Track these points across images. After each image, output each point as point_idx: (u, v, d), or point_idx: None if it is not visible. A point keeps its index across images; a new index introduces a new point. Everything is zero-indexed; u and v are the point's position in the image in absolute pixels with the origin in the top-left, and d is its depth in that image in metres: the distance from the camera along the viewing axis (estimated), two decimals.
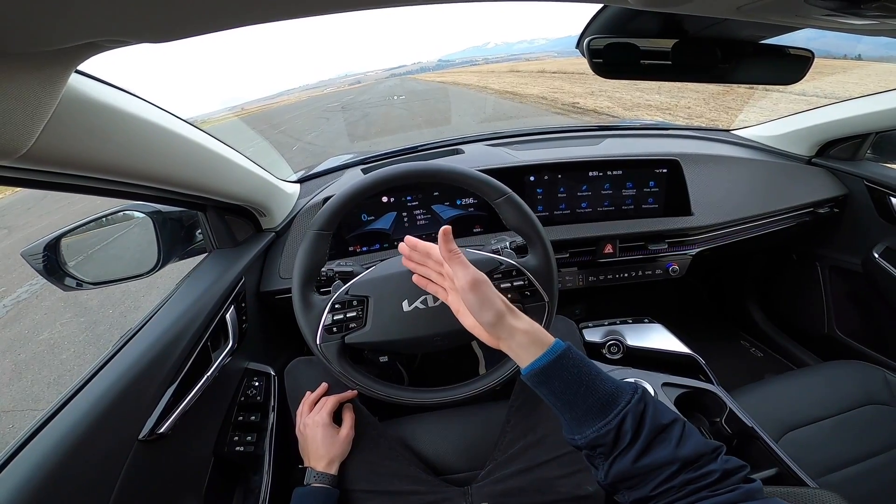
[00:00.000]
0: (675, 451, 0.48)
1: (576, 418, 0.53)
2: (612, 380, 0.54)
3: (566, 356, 0.54)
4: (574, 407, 0.53)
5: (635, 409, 0.50)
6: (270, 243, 1.10)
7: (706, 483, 0.46)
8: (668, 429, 0.50)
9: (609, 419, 0.50)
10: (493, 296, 0.58)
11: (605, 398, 0.52)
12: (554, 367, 0.54)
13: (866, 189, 1.28)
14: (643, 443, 0.49)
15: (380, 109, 16.78)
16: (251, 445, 0.91)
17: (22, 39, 0.33)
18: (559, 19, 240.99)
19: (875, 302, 1.35)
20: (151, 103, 0.65)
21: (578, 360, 0.55)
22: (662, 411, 0.52)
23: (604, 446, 0.51)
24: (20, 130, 0.40)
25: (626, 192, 1.18)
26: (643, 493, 0.49)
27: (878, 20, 0.38)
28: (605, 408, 0.51)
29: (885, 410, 0.98)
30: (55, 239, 0.85)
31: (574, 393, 0.53)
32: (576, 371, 0.54)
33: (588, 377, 0.53)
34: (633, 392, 0.52)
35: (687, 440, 0.49)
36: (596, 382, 0.53)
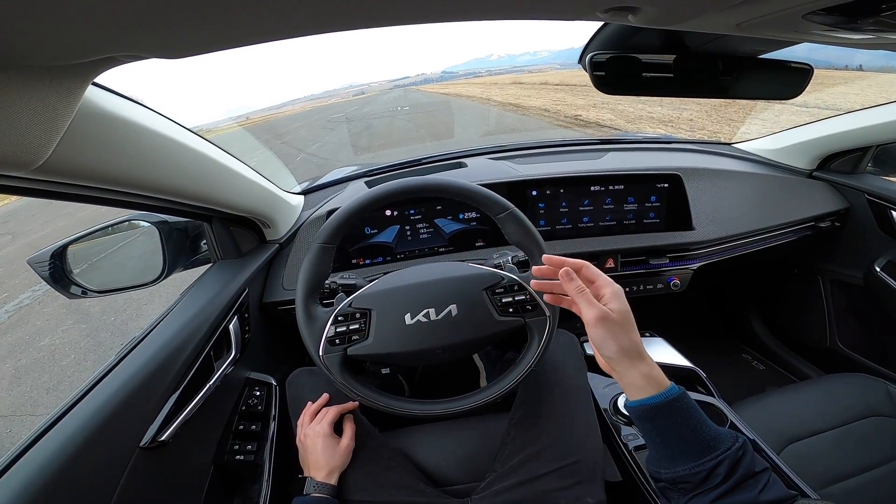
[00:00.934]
0: (758, 497, 0.50)
1: (669, 455, 0.55)
2: (714, 427, 0.55)
3: (679, 401, 0.55)
4: (671, 446, 0.55)
5: (734, 455, 0.52)
6: (274, 255, 1.11)
7: None
8: (757, 476, 0.51)
9: (704, 461, 0.52)
10: (618, 335, 0.57)
11: (707, 442, 0.53)
12: (664, 409, 0.55)
13: (867, 203, 1.28)
14: (729, 486, 0.50)
15: (383, 121, 16.89)
16: (251, 454, 0.92)
17: (42, 53, 0.34)
18: (562, 32, 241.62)
19: (877, 315, 1.35)
20: (162, 115, 0.66)
21: (689, 407, 0.56)
22: (756, 461, 0.53)
23: (689, 483, 0.53)
24: (37, 143, 0.41)
25: (627, 206, 1.19)
26: None
27: (874, 34, 0.39)
28: (703, 451, 0.53)
29: (887, 422, 0.97)
30: (62, 247, 0.86)
31: (677, 434, 0.55)
32: (684, 415, 0.55)
33: (696, 421, 0.55)
34: (735, 440, 0.54)
35: (771, 488, 0.51)
36: (701, 426, 0.54)
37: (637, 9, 0.32)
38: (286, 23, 0.32)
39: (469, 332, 0.75)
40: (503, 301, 0.76)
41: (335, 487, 0.77)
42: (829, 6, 0.32)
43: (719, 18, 0.36)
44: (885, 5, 0.32)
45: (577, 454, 0.80)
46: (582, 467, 0.79)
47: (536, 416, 0.85)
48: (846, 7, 0.32)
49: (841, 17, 0.35)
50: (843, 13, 0.34)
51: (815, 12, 0.33)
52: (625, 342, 0.57)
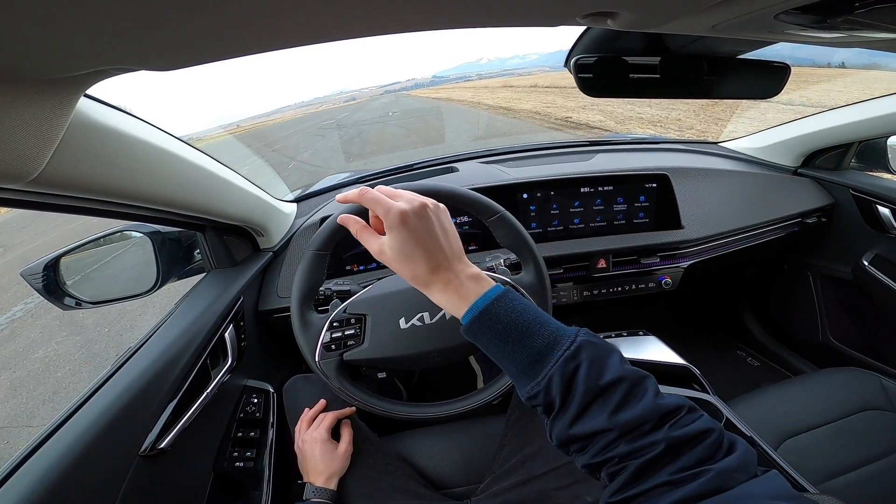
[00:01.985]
0: (611, 417, 0.41)
1: (512, 375, 0.48)
2: (550, 330, 0.47)
3: (489, 311, 0.48)
4: (505, 365, 0.48)
5: (563, 368, 0.43)
6: (268, 263, 1.11)
7: (651, 457, 0.38)
8: (608, 390, 0.42)
9: (538, 380, 0.45)
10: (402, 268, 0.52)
11: (536, 354, 0.45)
12: (477, 325, 0.49)
13: (852, 198, 1.30)
14: (577, 407, 0.42)
15: (375, 127, 16.92)
16: (251, 461, 0.92)
17: (33, 67, 0.34)
18: (551, 35, 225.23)
19: (867, 309, 1.36)
20: (153, 125, 0.66)
21: (506, 313, 0.48)
22: (607, 367, 0.44)
23: (540, 406, 0.46)
24: (31, 155, 0.41)
25: (617, 207, 1.20)
26: (586, 459, 0.43)
27: (846, 33, 0.40)
28: (534, 367, 0.45)
29: (882, 416, 0.98)
30: (55, 259, 0.85)
31: (502, 350, 0.48)
32: (500, 327, 0.47)
33: (517, 332, 0.47)
34: (567, 347, 0.45)
35: (632, 403, 0.42)
36: (525, 338, 0.46)
37: (615, 13, 0.33)
38: (276, 34, 0.32)
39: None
40: None
41: (335, 492, 0.77)
42: (800, 5, 0.33)
43: (695, 21, 0.37)
44: (857, 4, 0.33)
45: None
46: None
47: (532, 417, 0.86)
48: (817, 6, 0.33)
49: (813, 16, 0.35)
50: (814, 12, 0.35)
51: (786, 12, 0.34)
52: (409, 275, 0.52)
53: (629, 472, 0.39)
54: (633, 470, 0.38)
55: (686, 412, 0.42)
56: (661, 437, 0.39)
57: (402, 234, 0.51)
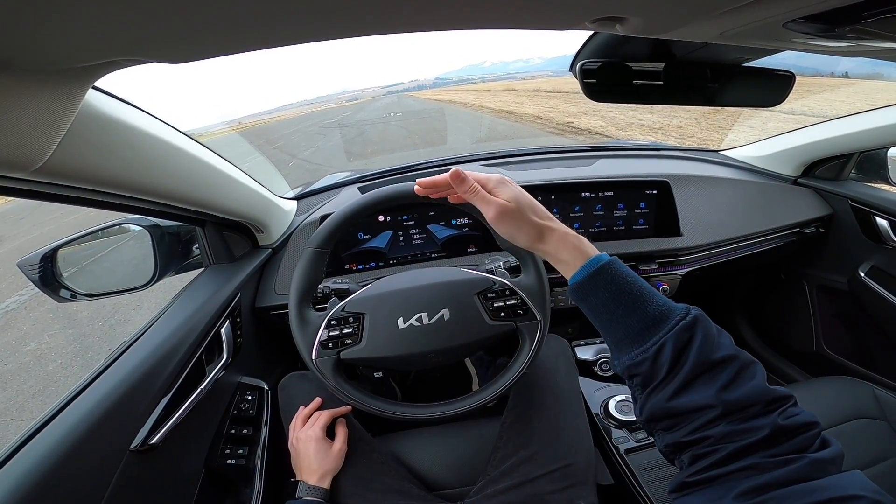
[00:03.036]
0: (719, 394, 0.40)
1: (616, 341, 0.48)
2: (662, 300, 0.46)
3: (605, 271, 0.48)
4: (611, 329, 0.48)
5: (678, 337, 0.43)
6: (267, 259, 1.10)
7: (751, 441, 0.37)
8: (718, 366, 0.41)
9: (646, 346, 0.44)
10: (520, 221, 0.54)
11: (648, 321, 0.45)
12: (590, 284, 0.49)
13: (851, 209, 1.30)
14: (683, 379, 0.42)
15: (376, 127, 16.91)
16: (243, 458, 0.91)
17: (46, 57, 0.34)
18: (555, 39, 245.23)
19: (862, 319, 1.37)
20: (158, 118, 0.66)
21: (621, 276, 0.48)
22: (720, 345, 0.43)
23: (639, 376, 0.45)
24: (37, 144, 0.41)
25: (617, 213, 1.20)
26: (676, 437, 0.42)
27: (853, 42, 0.40)
28: (645, 332, 0.45)
29: (874, 424, 0.99)
30: (52, 250, 0.85)
31: (611, 312, 0.47)
32: (615, 288, 0.47)
33: (631, 296, 0.47)
34: (682, 317, 0.44)
35: (741, 383, 0.41)
36: (640, 303, 0.46)
37: (624, 19, 0.33)
38: (288, 30, 0.32)
39: (461, 337, 0.76)
40: (495, 306, 0.77)
41: (327, 491, 0.77)
42: (809, 14, 0.33)
43: (703, 28, 0.37)
44: (865, 13, 0.33)
45: (570, 457, 0.81)
46: (574, 470, 0.80)
47: (528, 419, 0.85)
48: (826, 15, 0.34)
49: (821, 25, 0.36)
50: (822, 21, 0.35)
51: (795, 21, 0.34)
52: (528, 225, 0.54)
53: (722, 454, 0.38)
54: (728, 453, 0.38)
55: (793, 403, 0.41)
56: (768, 422, 0.38)
57: (513, 189, 0.55)
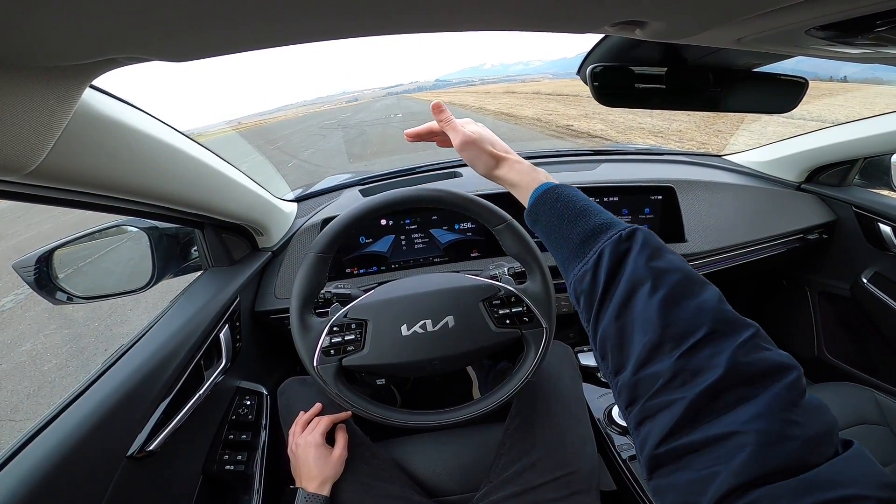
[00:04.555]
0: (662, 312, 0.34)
1: (562, 260, 0.47)
2: (606, 215, 0.45)
3: (553, 190, 0.51)
4: (560, 248, 0.47)
5: (617, 245, 0.40)
6: (267, 263, 1.09)
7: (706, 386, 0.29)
8: (660, 278, 0.36)
9: (587, 259, 0.42)
10: (481, 150, 0.61)
11: (589, 232, 0.43)
12: (540, 204, 0.52)
13: (854, 215, 1.30)
14: (623, 294, 0.37)
15: (376, 128, 16.93)
16: (241, 464, 0.90)
17: (44, 53, 0.33)
18: (555, 42, 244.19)
19: (864, 326, 1.36)
20: (156, 118, 0.65)
21: (566, 195, 0.49)
22: (665, 256, 0.39)
23: (584, 293, 0.41)
24: (31, 146, 0.40)
25: (621, 218, 1.19)
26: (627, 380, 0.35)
27: (871, 49, 0.40)
28: (585, 243, 0.43)
29: (875, 430, 0.98)
30: (48, 252, 0.84)
31: (559, 230, 0.47)
32: (560, 205, 0.48)
33: (575, 210, 0.46)
34: (623, 228, 0.42)
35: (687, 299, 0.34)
36: (583, 216, 0.45)
37: (644, 23, 0.33)
38: (291, 29, 0.31)
39: (466, 344, 0.75)
40: (500, 313, 0.76)
41: (327, 498, 0.76)
42: (832, 22, 0.32)
43: (722, 33, 0.36)
44: (881, 21, 0.33)
45: (573, 465, 0.80)
46: (577, 478, 0.78)
47: (532, 426, 0.84)
48: (848, 22, 0.33)
49: (841, 32, 0.35)
50: (843, 28, 0.34)
51: (817, 28, 0.34)
52: (485, 154, 0.61)
53: (680, 409, 0.29)
54: (686, 406, 0.29)
55: (758, 336, 0.32)
56: (724, 358, 0.29)
57: (478, 127, 0.65)
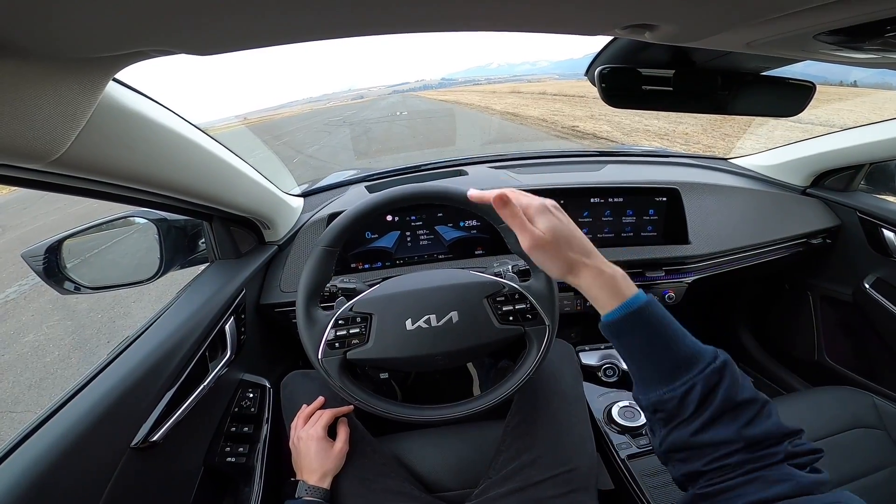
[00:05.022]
0: (741, 431, 0.44)
1: (643, 378, 0.51)
2: (694, 344, 0.50)
3: (643, 312, 0.50)
4: (641, 367, 0.51)
5: (707, 380, 0.46)
6: (273, 256, 1.10)
7: (765, 464, 0.43)
8: (741, 406, 0.46)
9: (675, 385, 0.47)
10: (553, 254, 0.53)
11: (679, 362, 0.48)
12: (626, 324, 0.51)
13: (859, 220, 1.30)
14: (708, 417, 0.45)
15: (381, 126, 16.91)
16: (242, 457, 0.91)
17: (74, 45, 0.33)
18: (562, 42, 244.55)
19: (865, 331, 1.36)
20: (173, 111, 0.66)
21: (656, 319, 0.50)
22: (743, 387, 0.47)
23: (664, 412, 0.48)
24: (56, 136, 0.41)
25: (626, 219, 1.20)
26: (695, 467, 0.46)
27: (879, 54, 0.40)
28: (675, 373, 0.48)
29: (873, 433, 0.98)
30: (58, 242, 0.85)
31: (645, 353, 0.50)
32: (651, 330, 0.50)
33: (665, 338, 0.49)
34: (711, 361, 0.48)
35: (760, 421, 0.45)
36: (672, 344, 0.49)
37: (655, 26, 0.33)
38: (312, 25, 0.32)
39: (469, 340, 0.76)
40: (504, 309, 0.77)
41: (328, 491, 0.76)
42: (841, 27, 0.33)
43: (731, 37, 0.36)
44: (891, 27, 0.33)
45: (572, 462, 0.80)
46: (576, 475, 0.79)
47: (532, 423, 0.85)
48: (856, 28, 0.33)
49: (850, 37, 0.35)
50: (852, 34, 0.35)
51: (825, 32, 0.34)
52: (560, 259, 0.54)
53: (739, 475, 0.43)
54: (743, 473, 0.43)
55: (802, 434, 0.47)
56: (781, 449, 0.43)
57: (552, 220, 0.54)
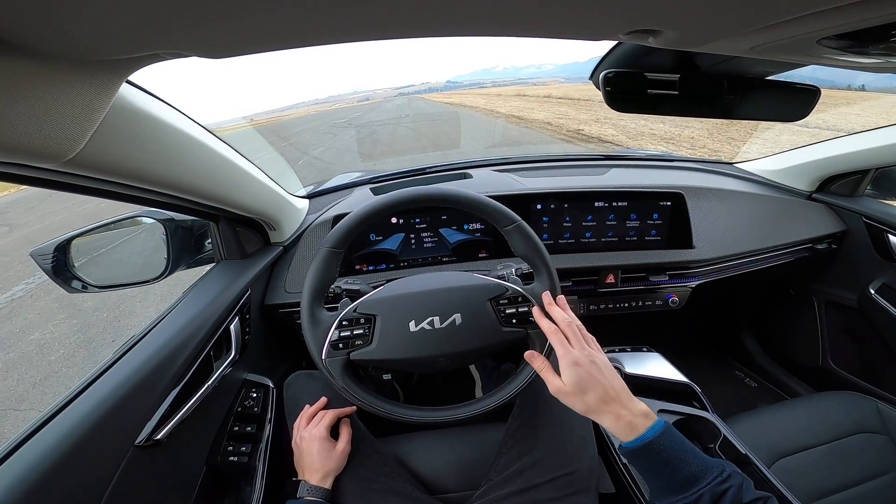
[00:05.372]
0: None
1: (658, 490, 0.60)
2: (701, 461, 0.58)
3: (656, 444, 0.59)
4: (658, 481, 0.60)
5: (715, 488, 0.55)
6: (278, 257, 1.11)
7: None
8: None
9: (687, 495, 0.55)
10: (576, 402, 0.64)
11: (689, 478, 0.57)
12: (642, 453, 0.59)
13: (864, 226, 1.29)
14: None
15: (387, 128, 16.93)
16: (245, 456, 0.91)
17: (89, 47, 0.34)
18: (567, 46, 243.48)
19: (869, 336, 1.35)
20: (183, 113, 0.67)
21: (669, 447, 0.59)
22: (748, 491, 0.55)
23: None
24: (71, 136, 0.41)
25: (630, 223, 1.20)
26: None
27: (882, 59, 0.40)
28: (686, 486, 0.56)
29: (876, 439, 0.98)
30: (66, 241, 0.85)
31: (659, 473, 0.59)
32: (664, 456, 0.58)
33: (675, 460, 0.58)
34: (721, 472, 0.57)
35: None
36: (683, 465, 0.58)
37: (658, 31, 0.33)
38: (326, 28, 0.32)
39: (473, 342, 0.76)
40: (507, 312, 0.77)
41: (329, 491, 0.77)
42: (844, 32, 0.33)
43: (734, 42, 0.37)
44: (894, 32, 0.33)
45: (573, 465, 0.80)
46: (577, 478, 0.79)
47: (534, 426, 0.85)
48: (860, 32, 0.33)
49: (854, 41, 0.36)
50: (856, 38, 0.35)
51: (829, 37, 0.34)
52: (582, 406, 0.63)
53: None
54: None
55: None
56: None
57: (577, 374, 0.64)
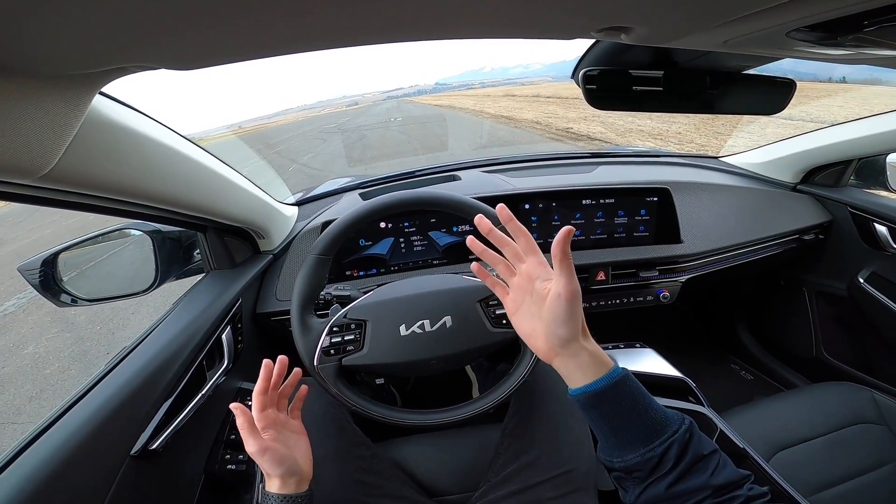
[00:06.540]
0: (709, 479, 0.50)
1: (619, 444, 0.54)
2: (661, 409, 0.55)
3: (624, 382, 0.54)
4: (620, 433, 0.54)
5: (682, 438, 0.52)
6: (268, 265, 1.10)
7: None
8: (706, 458, 0.52)
9: (653, 446, 0.52)
10: (580, 313, 0.56)
11: (654, 427, 0.53)
12: (609, 393, 0.54)
13: (850, 215, 1.31)
14: (681, 470, 0.51)
15: (376, 132, 16.92)
16: (243, 464, 0.91)
17: (54, 62, 0.34)
18: (555, 45, 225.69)
19: (861, 325, 1.37)
20: (162, 124, 0.66)
21: (635, 388, 0.55)
22: (704, 442, 0.54)
23: (641, 471, 0.53)
24: (44, 151, 0.41)
25: (618, 220, 1.20)
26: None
27: (854, 50, 0.41)
28: (651, 436, 0.53)
29: (873, 429, 0.99)
30: (53, 255, 0.85)
31: (624, 419, 0.54)
32: (630, 398, 0.54)
33: (641, 405, 0.54)
34: (682, 422, 0.54)
35: (721, 470, 0.52)
36: (647, 411, 0.54)
37: (630, 28, 0.34)
38: (292, 37, 0.33)
39: (463, 343, 0.76)
40: (497, 313, 0.77)
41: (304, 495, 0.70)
42: (812, 24, 0.33)
43: (707, 36, 0.37)
44: (866, 22, 0.34)
45: (571, 463, 0.80)
46: (575, 476, 0.79)
47: (530, 425, 0.85)
48: (828, 24, 0.34)
49: (823, 34, 0.36)
50: (825, 30, 0.36)
51: (798, 29, 0.35)
52: (580, 322, 0.56)
53: None
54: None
55: (753, 479, 0.54)
56: (742, 493, 0.50)
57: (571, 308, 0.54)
